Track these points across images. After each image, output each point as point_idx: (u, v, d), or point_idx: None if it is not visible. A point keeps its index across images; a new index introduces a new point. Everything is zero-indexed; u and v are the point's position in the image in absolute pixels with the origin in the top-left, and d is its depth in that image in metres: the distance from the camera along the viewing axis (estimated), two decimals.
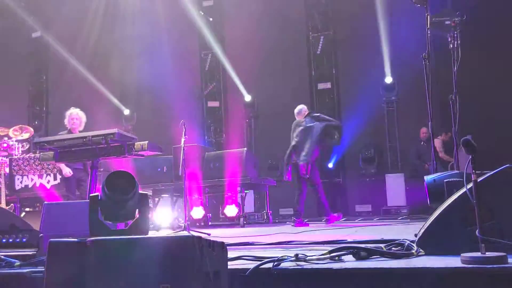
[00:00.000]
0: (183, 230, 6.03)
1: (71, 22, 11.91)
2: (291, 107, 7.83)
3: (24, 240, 3.05)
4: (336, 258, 2.42)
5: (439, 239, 2.49)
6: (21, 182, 8.14)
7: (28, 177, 8.11)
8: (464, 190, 2.39)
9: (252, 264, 2.31)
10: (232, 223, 8.67)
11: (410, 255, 2.45)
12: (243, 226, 7.64)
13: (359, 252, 2.46)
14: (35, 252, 2.89)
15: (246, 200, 8.38)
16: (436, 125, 4.42)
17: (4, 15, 11.85)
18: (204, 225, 8.52)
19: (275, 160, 10.41)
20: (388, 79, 10.10)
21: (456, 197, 2.52)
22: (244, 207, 8.13)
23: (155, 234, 2.19)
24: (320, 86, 10.78)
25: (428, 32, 4.39)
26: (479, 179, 2.28)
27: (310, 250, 2.99)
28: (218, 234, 5.71)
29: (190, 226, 6.36)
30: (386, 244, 2.75)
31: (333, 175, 10.26)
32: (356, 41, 10.19)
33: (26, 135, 8.94)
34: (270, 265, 2.29)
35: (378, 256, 2.47)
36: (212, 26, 11.51)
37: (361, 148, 10.14)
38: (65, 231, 2.86)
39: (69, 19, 11.89)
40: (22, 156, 8.32)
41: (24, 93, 13.03)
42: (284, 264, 2.33)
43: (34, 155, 8.22)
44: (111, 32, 11.97)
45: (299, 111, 7.59)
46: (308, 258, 2.40)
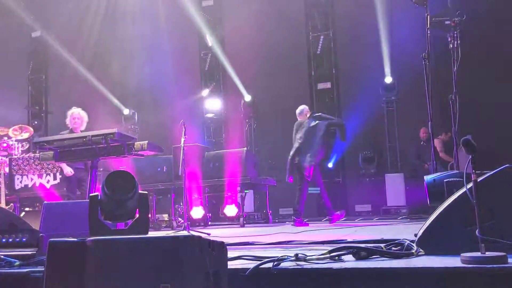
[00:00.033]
0: (183, 230, 6.03)
1: (71, 22, 11.92)
2: (291, 107, 7.83)
3: (23, 239, 3.04)
4: (336, 258, 2.41)
5: (439, 239, 2.48)
6: (20, 182, 8.14)
7: (27, 176, 8.11)
8: (464, 190, 2.39)
9: (252, 264, 2.31)
10: (232, 223, 8.68)
11: (410, 255, 2.44)
12: (243, 226, 7.64)
13: (359, 252, 2.45)
14: (34, 252, 2.89)
15: (246, 200, 8.38)
16: (436, 125, 4.42)
17: (4, 15, 11.84)
18: (204, 225, 8.52)
19: (275, 160, 10.41)
20: (388, 79, 10.10)
21: (456, 197, 2.52)
22: (244, 207, 8.12)
23: (154, 234, 2.19)
24: (320, 86, 10.77)
25: (428, 32, 4.39)
26: (479, 179, 2.28)
27: (310, 250, 2.99)
28: (217, 234, 5.71)
29: (190, 226, 6.37)
30: (386, 244, 2.75)
31: (333, 175, 10.26)
32: (356, 41, 10.19)
33: (25, 135, 8.94)
34: (270, 265, 2.29)
35: (378, 256, 2.46)
36: (212, 26, 11.51)
37: (360, 148, 10.15)
38: (65, 231, 2.87)
39: (69, 19, 11.90)
40: (21, 155, 8.31)
41: (24, 92, 13.03)
42: (284, 264, 2.33)
43: (33, 154, 8.22)
44: (111, 32, 11.98)
45: (300, 112, 7.53)
46: (308, 258, 2.39)
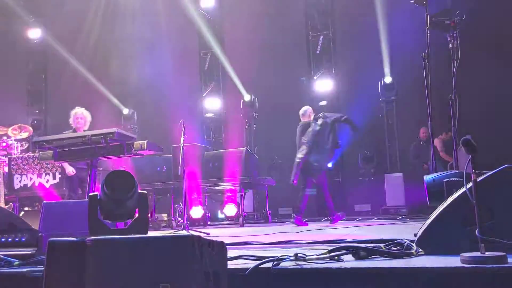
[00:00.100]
0: (182, 230, 6.03)
1: (71, 21, 11.90)
2: (291, 107, 7.82)
3: (23, 239, 3.05)
4: (336, 257, 2.42)
5: (439, 239, 2.48)
6: (20, 182, 8.13)
7: (27, 176, 8.10)
8: (463, 190, 2.39)
9: (251, 264, 2.31)
10: (231, 222, 8.68)
11: (409, 255, 2.44)
12: (242, 226, 7.63)
13: (358, 252, 2.45)
14: (34, 251, 2.89)
15: (245, 199, 8.37)
16: (435, 125, 4.42)
17: (3, 14, 11.82)
18: (203, 224, 8.51)
19: (274, 160, 10.41)
20: (387, 78, 10.09)
21: (456, 196, 2.52)
22: (243, 206, 8.12)
23: (154, 234, 2.19)
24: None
25: (428, 31, 4.39)
26: (478, 179, 2.28)
27: (309, 249, 2.99)
28: (217, 234, 5.71)
29: (189, 226, 6.37)
30: (385, 243, 2.75)
31: (332, 174, 10.23)
32: (356, 40, 10.19)
33: (25, 134, 8.94)
34: (270, 264, 2.29)
35: (378, 255, 2.47)
36: (212, 26, 11.50)
37: (360, 148, 10.14)
38: (64, 231, 2.87)
39: (69, 18, 11.88)
40: (21, 155, 8.31)
41: (23, 92, 13.01)
42: (283, 264, 2.33)
43: (33, 154, 8.21)
44: (110, 31, 11.96)
45: (304, 112, 7.37)
46: (308, 257, 2.39)
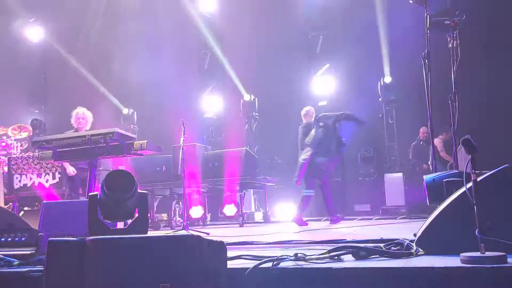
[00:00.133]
0: (182, 230, 6.03)
1: (71, 21, 11.89)
2: (290, 107, 7.81)
3: (23, 239, 3.04)
4: (336, 257, 2.41)
5: (439, 239, 2.48)
6: (19, 181, 8.12)
7: (26, 176, 8.09)
8: (463, 189, 2.39)
9: (251, 264, 2.31)
10: (231, 222, 8.68)
11: (409, 255, 2.44)
12: (242, 226, 7.64)
13: (358, 252, 2.45)
14: (33, 251, 2.89)
15: (245, 199, 8.37)
16: (435, 124, 4.42)
17: (3, 14, 11.81)
18: (203, 224, 8.52)
19: (274, 160, 10.40)
20: (387, 78, 10.10)
21: (456, 196, 2.52)
22: (243, 206, 8.12)
23: (154, 234, 2.19)
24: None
25: (428, 31, 4.39)
26: (478, 179, 2.28)
27: (309, 249, 2.98)
28: (217, 234, 5.70)
29: (189, 226, 6.37)
30: (385, 243, 2.75)
31: (332, 174, 10.24)
32: (356, 40, 10.19)
33: (24, 134, 8.94)
34: (270, 264, 2.29)
35: (378, 255, 2.46)
36: (212, 25, 11.49)
37: (360, 147, 10.14)
38: (64, 230, 2.86)
39: (69, 18, 11.87)
40: (20, 155, 8.30)
41: (23, 91, 12.99)
42: (283, 264, 2.33)
43: (33, 154, 8.21)
44: (110, 31, 11.95)
45: (306, 113, 7.32)
46: (308, 257, 2.39)
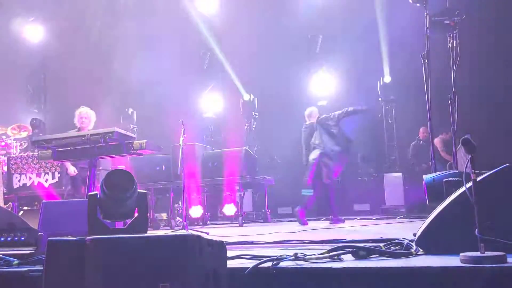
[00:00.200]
0: (181, 229, 6.03)
1: (71, 21, 11.89)
2: (290, 107, 7.81)
3: (22, 238, 3.04)
4: (335, 257, 2.41)
5: (438, 239, 2.48)
6: (19, 181, 8.11)
7: (26, 175, 8.09)
8: (463, 189, 2.39)
9: (251, 263, 2.30)
10: (230, 222, 8.68)
11: (409, 255, 2.44)
12: (242, 225, 7.64)
13: (358, 252, 2.45)
14: (33, 250, 2.89)
15: (244, 199, 8.37)
16: (434, 124, 4.42)
17: (3, 14, 11.80)
18: (202, 224, 8.51)
19: (273, 159, 10.40)
20: (386, 78, 10.09)
21: (455, 196, 2.52)
22: (242, 206, 8.12)
23: (153, 233, 2.19)
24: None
25: (427, 31, 4.39)
26: (478, 179, 2.28)
27: (309, 249, 2.98)
28: (216, 233, 5.70)
29: (189, 225, 6.37)
30: (385, 243, 2.75)
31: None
32: (355, 40, 10.18)
33: (24, 134, 8.94)
34: (269, 264, 2.28)
35: (377, 255, 2.46)
36: (212, 25, 11.49)
37: (359, 147, 10.13)
38: (63, 230, 2.87)
39: (69, 17, 11.87)
40: (20, 154, 8.30)
41: (23, 91, 12.99)
42: (283, 263, 2.32)
43: (32, 153, 8.20)
44: (110, 31, 11.94)
45: (310, 113, 7.28)
46: (307, 257, 2.39)
